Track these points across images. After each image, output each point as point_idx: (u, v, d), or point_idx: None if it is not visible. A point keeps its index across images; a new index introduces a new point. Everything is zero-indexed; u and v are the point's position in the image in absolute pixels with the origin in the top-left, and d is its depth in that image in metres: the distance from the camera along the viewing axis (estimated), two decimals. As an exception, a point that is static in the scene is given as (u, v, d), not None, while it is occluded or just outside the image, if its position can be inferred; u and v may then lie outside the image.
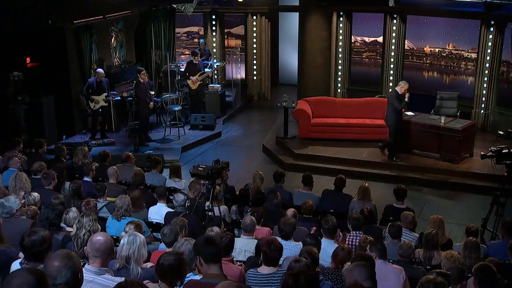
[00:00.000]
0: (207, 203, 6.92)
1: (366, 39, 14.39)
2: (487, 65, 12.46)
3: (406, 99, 10.73)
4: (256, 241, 5.90)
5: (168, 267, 3.67)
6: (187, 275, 4.09)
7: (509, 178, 8.26)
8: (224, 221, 6.84)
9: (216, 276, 3.83)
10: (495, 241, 6.67)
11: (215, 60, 15.16)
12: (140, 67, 12.94)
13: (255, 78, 16.27)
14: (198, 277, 4.05)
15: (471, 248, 5.63)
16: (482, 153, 8.50)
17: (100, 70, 12.24)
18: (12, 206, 5.64)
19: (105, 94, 12.15)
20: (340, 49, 14.35)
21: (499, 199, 8.26)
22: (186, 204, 6.72)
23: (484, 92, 12.62)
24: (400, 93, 10.77)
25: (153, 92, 12.73)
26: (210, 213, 6.82)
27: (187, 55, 15.63)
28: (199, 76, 13.55)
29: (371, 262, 4.31)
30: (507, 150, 8.22)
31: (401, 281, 5.04)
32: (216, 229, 5.59)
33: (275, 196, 7.54)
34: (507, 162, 8.20)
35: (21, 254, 4.46)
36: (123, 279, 3.66)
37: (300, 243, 5.84)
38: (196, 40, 16.11)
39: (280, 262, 4.88)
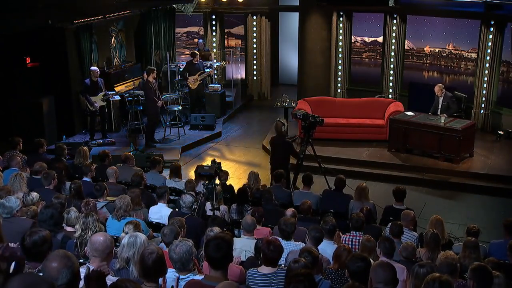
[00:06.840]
0: (213, 203, 6.95)
1: (366, 39, 14.39)
2: (487, 65, 12.45)
3: None
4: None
5: (152, 263, 3.70)
6: (187, 275, 4.09)
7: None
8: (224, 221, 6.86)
9: (219, 279, 3.79)
10: (496, 240, 6.66)
11: (214, 60, 15.15)
12: (151, 67, 12.82)
13: (255, 78, 16.26)
14: (198, 277, 4.04)
15: (471, 248, 5.64)
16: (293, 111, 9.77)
17: (94, 68, 12.11)
18: (12, 206, 5.64)
19: (102, 93, 12.11)
20: (340, 49, 14.35)
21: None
22: (194, 206, 6.72)
23: (484, 92, 12.62)
24: None
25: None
26: (216, 212, 6.88)
27: (187, 55, 15.62)
28: (198, 75, 13.56)
29: (370, 262, 4.31)
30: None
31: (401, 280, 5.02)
32: (216, 229, 5.58)
33: (271, 196, 7.53)
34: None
35: None
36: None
37: (300, 243, 5.84)
38: (196, 40, 16.11)
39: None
